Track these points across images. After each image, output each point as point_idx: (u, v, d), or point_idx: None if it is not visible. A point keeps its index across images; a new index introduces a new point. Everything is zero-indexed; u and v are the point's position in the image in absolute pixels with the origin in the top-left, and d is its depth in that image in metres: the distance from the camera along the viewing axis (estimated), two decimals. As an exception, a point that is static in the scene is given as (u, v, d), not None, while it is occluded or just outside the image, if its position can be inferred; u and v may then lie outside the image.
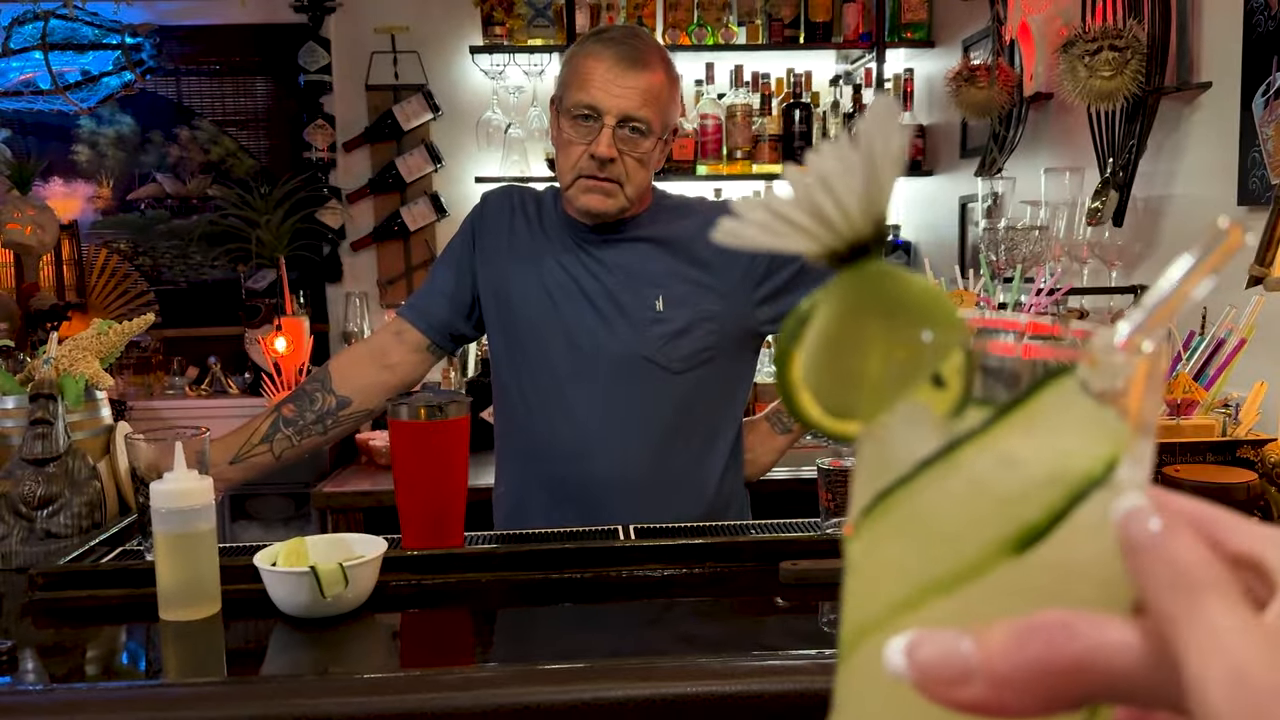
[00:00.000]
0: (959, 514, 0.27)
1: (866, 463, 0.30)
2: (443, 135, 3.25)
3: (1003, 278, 1.91)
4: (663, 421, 1.47)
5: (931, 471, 0.28)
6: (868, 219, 0.31)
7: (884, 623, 0.28)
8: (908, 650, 0.26)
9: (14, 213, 2.95)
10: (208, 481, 1.06)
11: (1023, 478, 0.27)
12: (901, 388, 0.29)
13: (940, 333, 0.29)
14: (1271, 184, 1.53)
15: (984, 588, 0.27)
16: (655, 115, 1.42)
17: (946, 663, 0.25)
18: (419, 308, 1.57)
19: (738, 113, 3.06)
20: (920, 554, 0.28)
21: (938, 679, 0.25)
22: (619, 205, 1.44)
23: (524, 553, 1.17)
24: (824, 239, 0.31)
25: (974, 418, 0.28)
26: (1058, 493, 0.26)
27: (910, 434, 0.29)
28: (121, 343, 1.43)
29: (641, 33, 1.49)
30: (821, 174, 0.30)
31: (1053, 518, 0.26)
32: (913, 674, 0.26)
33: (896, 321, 0.31)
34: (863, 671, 0.29)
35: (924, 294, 0.31)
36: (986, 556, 0.27)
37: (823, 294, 0.32)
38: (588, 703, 0.83)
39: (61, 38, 2.84)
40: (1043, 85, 2.26)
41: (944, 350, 0.29)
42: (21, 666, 0.95)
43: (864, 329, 0.31)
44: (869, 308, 0.31)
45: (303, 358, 2.74)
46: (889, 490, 0.28)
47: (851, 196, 0.30)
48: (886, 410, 0.29)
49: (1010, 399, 0.27)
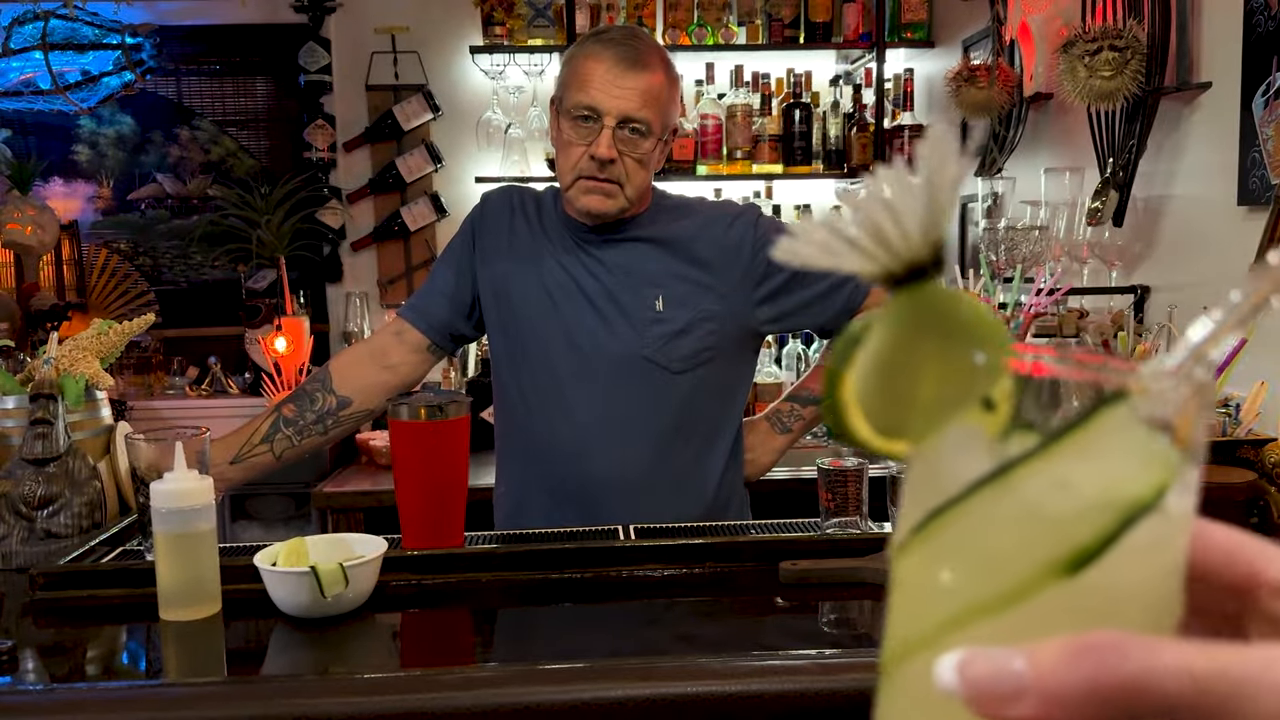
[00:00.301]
0: (1011, 535, 0.28)
1: (916, 482, 0.31)
2: (443, 135, 3.25)
3: (1003, 278, 1.91)
4: (663, 421, 1.47)
5: (984, 492, 0.28)
6: (927, 242, 0.31)
7: (932, 641, 0.28)
8: (959, 667, 0.26)
9: (14, 213, 2.95)
10: (208, 481, 1.06)
11: (1075, 501, 0.27)
12: (953, 409, 0.30)
13: (993, 356, 0.30)
14: (1271, 184, 1.53)
15: (1033, 609, 0.27)
16: (655, 116, 1.42)
17: (998, 680, 0.25)
18: (419, 308, 1.57)
19: (738, 113, 3.05)
20: (970, 573, 0.28)
21: (989, 696, 0.26)
22: (619, 206, 1.44)
23: (524, 553, 1.17)
24: (883, 260, 0.32)
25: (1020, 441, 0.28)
26: (1109, 517, 0.27)
27: (962, 455, 0.29)
28: (121, 343, 1.43)
29: (641, 33, 1.49)
30: (884, 196, 0.31)
31: (1104, 541, 0.27)
32: (964, 690, 0.26)
33: (951, 344, 0.31)
34: (907, 688, 0.30)
35: (978, 317, 0.32)
36: (1037, 578, 0.27)
37: (876, 315, 0.33)
38: (588, 703, 0.83)
39: (62, 38, 2.84)
40: (1043, 85, 2.26)
41: (995, 373, 0.29)
42: (22, 666, 0.95)
43: (919, 350, 0.32)
44: (924, 330, 0.32)
45: (303, 358, 2.73)
46: (940, 510, 0.29)
47: (913, 220, 0.31)
48: (938, 431, 0.30)
49: (1064, 424, 0.28)
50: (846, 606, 1.09)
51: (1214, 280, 1.69)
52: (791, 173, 3.08)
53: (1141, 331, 1.71)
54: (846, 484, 1.28)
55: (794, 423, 1.60)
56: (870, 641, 1.05)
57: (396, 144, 3.24)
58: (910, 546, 0.30)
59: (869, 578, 1.12)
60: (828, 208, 3.49)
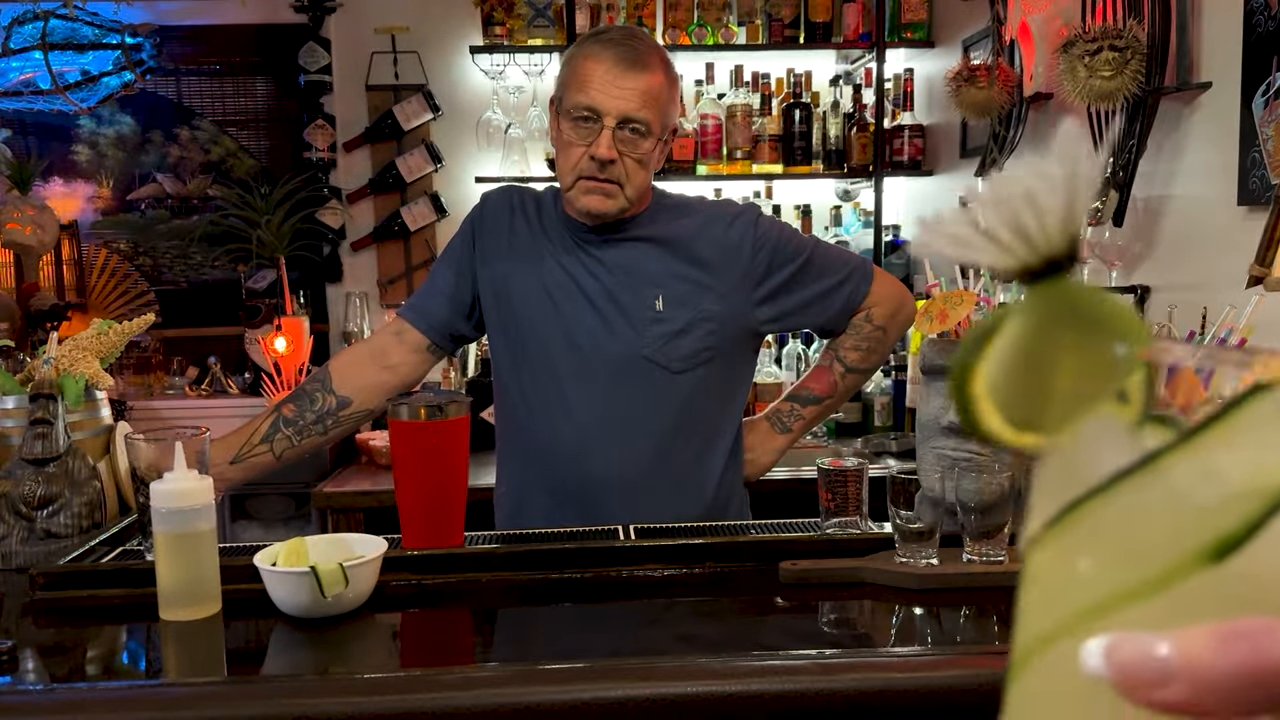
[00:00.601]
0: (1156, 523, 0.28)
1: (1051, 475, 0.31)
2: (443, 135, 3.25)
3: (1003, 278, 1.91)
4: (663, 421, 1.47)
5: (1129, 482, 0.28)
6: (1065, 236, 0.32)
7: (1072, 629, 0.29)
8: (1106, 652, 0.26)
9: (14, 213, 2.95)
10: (208, 481, 1.06)
11: (1222, 489, 0.28)
12: (1090, 402, 0.30)
13: (1130, 349, 0.31)
14: (1271, 184, 1.53)
15: (1178, 596, 0.28)
16: (655, 116, 1.42)
17: (1147, 663, 0.26)
18: (419, 308, 1.57)
19: (738, 113, 3.05)
20: (1113, 562, 0.29)
21: (1138, 679, 0.26)
22: (619, 206, 1.44)
23: (524, 553, 1.17)
24: (1021, 254, 0.32)
25: (1154, 433, 0.29)
26: (1256, 505, 0.27)
27: (1101, 447, 0.30)
28: (121, 343, 1.43)
29: (640, 33, 1.49)
30: (1025, 190, 0.32)
31: (1250, 528, 0.27)
32: (1112, 674, 0.26)
33: (1090, 336, 0.32)
34: (1044, 680, 0.30)
35: (1115, 310, 0.32)
36: (1182, 565, 0.28)
37: (1010, 309, 0.33)
38: (588, 703, 0.83)
39: (61, 38, 2.84)
40: (1043, 85, 2.26)
41: (1132, 366, 0.30)
42: (22, 666, 0.95)
43: (1057, 343, 0.32)
44: (1063, 322, 0.32)
45: (303, 358, 2.73)
46: (1081, 500, 0.29)
47: (1053, 214, 0.32)
48: (1074, 424, 0.31)
49: (1211, 414, 0.28)
50: (846, 606, 1.09)
51: (1214, 280, 1.69)
52: (791, 173, 3.08)
53: (1141, 331, 1.71)
54: (846, 484, 1.28)
55: (794, 422, 1.60)
56: (870, 641, 1.05)
57: (396, 144, 3.24)
58: (1045, 540, 0.30)
59: (869, 578, 1.12)
60: (828, 208, 3.46)
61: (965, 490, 1.13)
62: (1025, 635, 0.31)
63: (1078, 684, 0.27)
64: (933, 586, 1.09)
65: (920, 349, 1.30)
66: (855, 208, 3.25)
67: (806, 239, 1.58)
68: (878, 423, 2.94)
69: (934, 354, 1.27)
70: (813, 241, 1.58)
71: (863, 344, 1.57)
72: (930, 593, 1.08)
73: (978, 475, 1.13)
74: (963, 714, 0.87)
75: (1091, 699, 0.27)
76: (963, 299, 1.23)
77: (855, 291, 1.54)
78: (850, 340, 1.58)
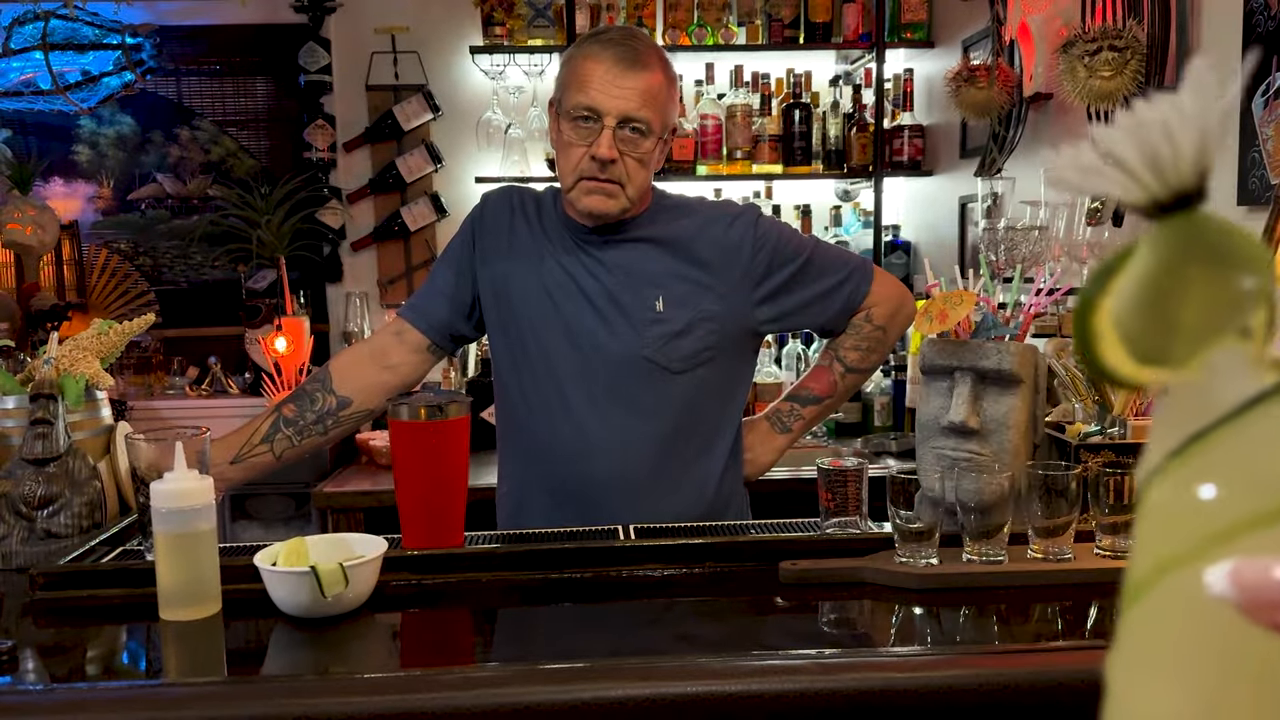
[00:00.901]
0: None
1: (1173, 408, 0.32)
2: (443, 135, 3.25)
3: (1002, 278, 1.91)
4: (663, 422, 1.47)
5: (1255, 412, 0.29)
6: (1197, 169, 0.32)
7: (1193, 556, 0.29)
8: (1232, 575, 0.27)
9: (14, 213, 2.95)
10: (208, 481, 1.06)
11: None
12: (1216, 335, 0.31)
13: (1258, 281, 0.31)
14: (1271, 184, 1.53)
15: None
16: (655, 115, 1.42)
17: (1271, 587, 0.27)
18: (419, 308, 1.58)
19: (738, 113, 3.05)
20: (1237, 491, 0.29)
21: (1263, 601, 0.27)
22: (621, 206, 1.44)
23: (524, 553, 1.17)
24: (1152, 186, 0.33)
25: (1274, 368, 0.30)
26: None
27: (1225, 380, 0.31)
28: (122, 343, 1.43)
29: (639, 33, 1.49)
30: (1161, 122, 0.32)
31: None
32: (1236, 597, 0.27)
33: (1217, 270, 0.32)
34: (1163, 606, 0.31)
35: (1244, 243, 0.32)
36: None
37: (1137, 243, 0.34)
38: (588, 703, 0.83)
39: (62, 38, 2.84)
40: (1043, 85, 2.26)
41: (1260, 300, 0.31)
42: (22, 666, 0.95)
43: (1185, 276, 0.32)
44: (1191, 256, 0.33)
45: (303, 358, 2.73)
46: (1206, 431, 0.30)
47: (1188, 146, 0.32)
48: (1199, 357, 0.31)
49: None
50: (846, 606, 1.09)
51: (1214, 280, 1.69)
52: (791, 173, 3.08)
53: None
54: (846, 484, 1.28)
55: (794, 422, 1.60)
56: (870, 641, 1.05)
57: (396, 144, 3.24)
58: (1168, 469, 0.31)
59: (869, 578, 1.12)
60: (828, 208, 3.46)
61: (965, 490, 1.13)
62: (1143, 563, 0.31)
63: (1198, 608, 0.28)
64: (933, 586, 1.09)
65: (920, 349, 1.30)
66: (855, 208, 3.25)
67: (806, 239, 1.58)
68: (878, 423, 2.94)
69: (934, 354, 1.27)
70: (812, 242, 1.58)
71: (862, 344, 1.57)
72: (930, 593, 1.08)
73: (978, 475, 1.13)
74: (963, 714, 0.87)
75: (1211, 622, 0.28)
76: (963, 299, 1.23)
77: (855, 291, 1.54)
78: (850, 340, 1.58)
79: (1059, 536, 1.13)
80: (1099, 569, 1.12)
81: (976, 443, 1.21)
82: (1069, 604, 1.07)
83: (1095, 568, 1.12)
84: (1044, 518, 1.13)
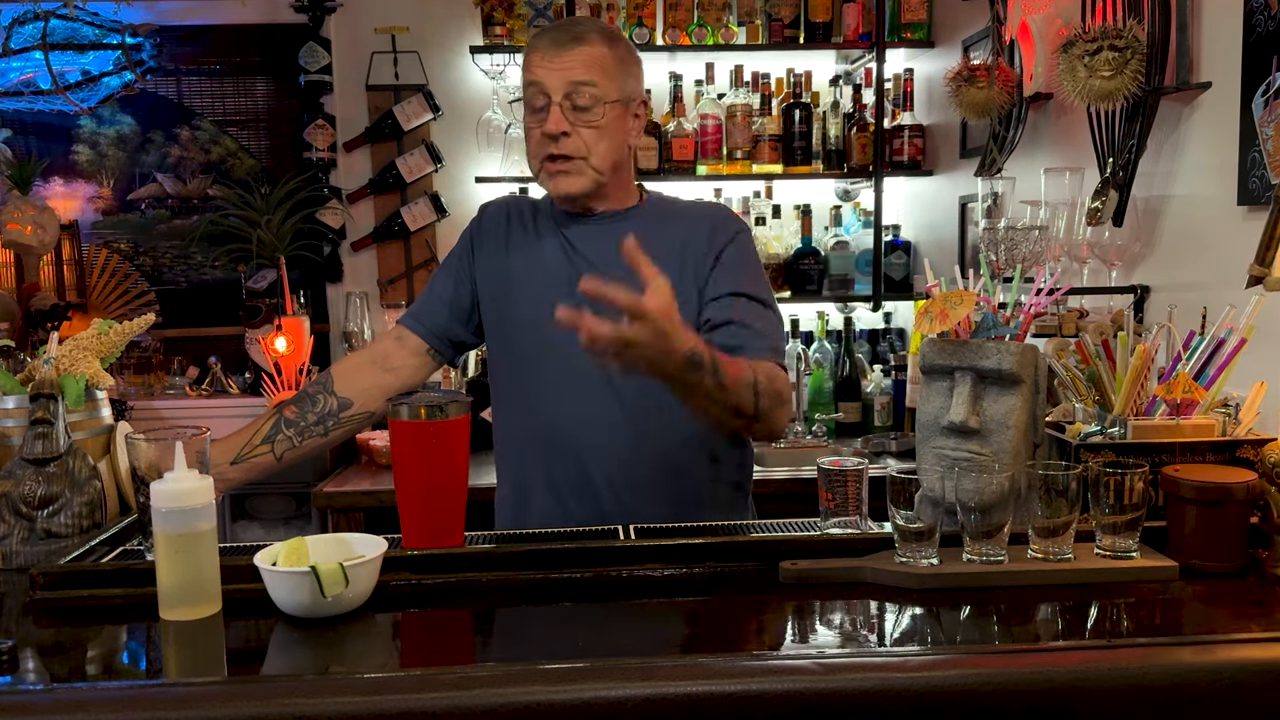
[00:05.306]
0: None
1: None
2: (443, 135, 3.25)
3: (1002, 278, 1.90)
4: (661, 421, 1.47)
5: None
6: None
7: None
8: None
9: (14, 213, 2.95)
10: (208, 481, 1.06)
11: None
12: None
13: None
14: (1271, 184, 1.53)
15: None
16: (603, 79, 1.42)
17: None
18: (418, 314, 1.61)
19: (738, 113, 3.05)
20: None
21: None
22: (588, 181, 1.45)
23: (524, 553, 1.17)
24: None
25: None
26: None
27: None
28: (122, 343, 1.43)
29: (585, 19, 1.51)
30: None
31: None
32: None
33: None
34: None
35: None
36: None
37: None
38: (588, 703, 0.83)
39: (62, 38, 2.84)
40: (1043, 85, 2.25)
41: None
42: (22, 666, 0.95)
43: None
44: None
45: (303, 358, 2.74)
46: None
47: None
48: None
49: None
50: (847, 606, 1.09)
51: (1214, 280, 1.69)
52: (791, 173, 3.08)
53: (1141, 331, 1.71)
54: (846, 484, 1.28)
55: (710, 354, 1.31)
56: (870, 641, 1.06)
57: (397, 144, 3.24)
58: None
59: (869, 578, 1.12)
60: (828, 208, 3.46)
61: (965, 490, 1.14)
62: None
63: None
64: (933, 586, 1.09)
65: (920, 349, 1.30)
66: (855, 208, 3.25)
67: (762, 286, 1.48)
68: (878, 423, 2.94)
69: (934, 354, 1.27)
70: (765, 292, 1.48)
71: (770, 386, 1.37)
72: (930, 593, 1.08)
73: (978, 475, 1.14)
74: (962, 714, 0.87)
75: None
76: (962, 299, 1.23)
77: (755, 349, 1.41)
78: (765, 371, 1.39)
79: (1059, 536, 1.13)
80: (1099, 569, 1.12)
81: (976, 443, 1.21)
82: (1069, 604, 1.07)
83: (1095, 568, 1.12)
84: (1044, 518, 1.13)
